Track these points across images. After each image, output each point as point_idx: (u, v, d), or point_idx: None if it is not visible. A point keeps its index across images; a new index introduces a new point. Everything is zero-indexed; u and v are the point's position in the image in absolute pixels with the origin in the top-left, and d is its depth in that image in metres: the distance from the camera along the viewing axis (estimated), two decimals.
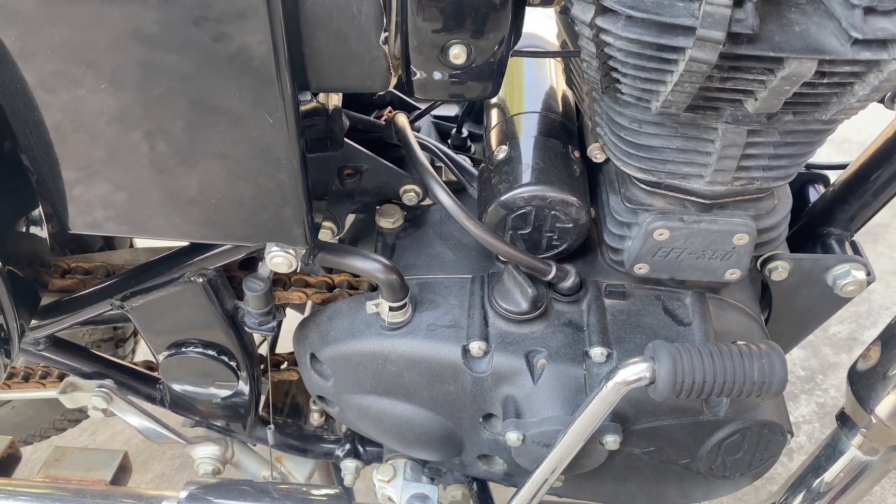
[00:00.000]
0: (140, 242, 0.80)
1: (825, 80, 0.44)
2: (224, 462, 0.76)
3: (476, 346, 0.57)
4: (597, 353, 0.57)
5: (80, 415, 1.00)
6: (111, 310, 0.62)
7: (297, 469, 0.79)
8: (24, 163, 0.53)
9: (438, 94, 0.48)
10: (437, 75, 0.47)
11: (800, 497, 0.69)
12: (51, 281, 0.62)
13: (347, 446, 0.78)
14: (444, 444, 0.63)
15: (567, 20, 0.50)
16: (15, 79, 0.43)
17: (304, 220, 0.51)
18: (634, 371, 0.49)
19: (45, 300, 0.62)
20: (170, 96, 0.43)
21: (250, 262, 0.63)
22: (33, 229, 0.57)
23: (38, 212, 0.57)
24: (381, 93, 0.72)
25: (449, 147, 0.75)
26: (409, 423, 0.62)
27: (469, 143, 0.77)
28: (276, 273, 0.59)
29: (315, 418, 0.80)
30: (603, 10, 0.42)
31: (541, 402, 0.56)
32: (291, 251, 0.54)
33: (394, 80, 0.48)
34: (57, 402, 0.91)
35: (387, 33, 0.45)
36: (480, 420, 0.60)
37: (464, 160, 0.69)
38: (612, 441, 0.55)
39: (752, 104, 0.46)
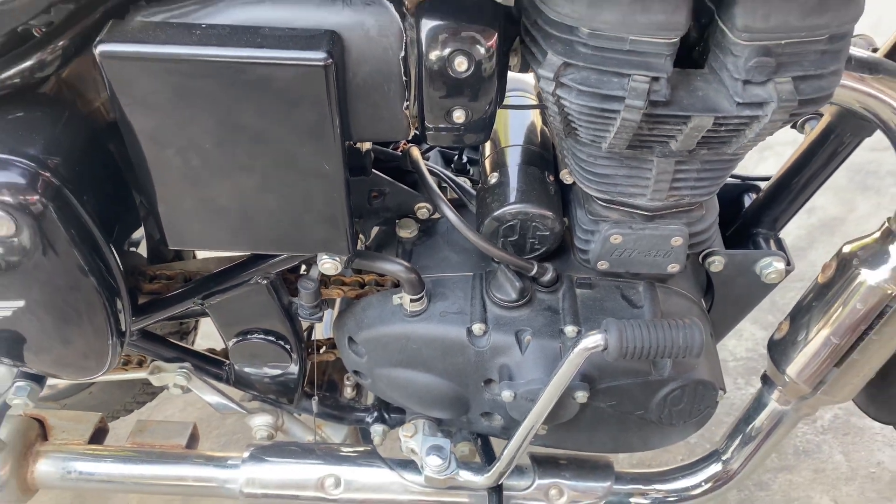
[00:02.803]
0: (200, 254, 0.97)
1: (722, 129, 0.61)
2: (276, 429, 0.94)
3: (477, 328, 0.75)
4: (569, 330, 0.74)
5: (146, 398, 1.17)
6: (192, 307, 0.80)
7: (335, 433, 0.97)
8: (135, 198, 0.71)
9: (445, 142, 0.66)
10: (444, 130, 0.64)
11: (737, 441, 0.86)
12: (144, 285, 0.80)
13: (375, 414, 0.96)
14: (455, 404, 0.81)
15: None
16: (139, 139, 0.60)
17: (348, 234, 0.68)
18: (593, 340, 0.66)
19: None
20: (254, 150, 0.61)
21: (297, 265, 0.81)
22: (138, 247, 0.75)
23: (142, 233, 0.75)
24: None
25: (452, 170, 0.92)
26: (427, 389, 0.80)
27: (468, 166, 0.94)
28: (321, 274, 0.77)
29: (348, 392, 0.98)
30: (560, 85, 0.59)
31: (527, 368, 0.74)
32: (337, 258, 0.72)
33: (412, 133, 0.66)
34: (126, 386, 1.10)
35: (408, 102, 0.62)
36: (482, 384, 0.78)
37: (464, 181, 0.86)
38: (581, 396, 0.73)
39: (675, 144, 0.63)
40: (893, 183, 1.76)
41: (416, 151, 0.80)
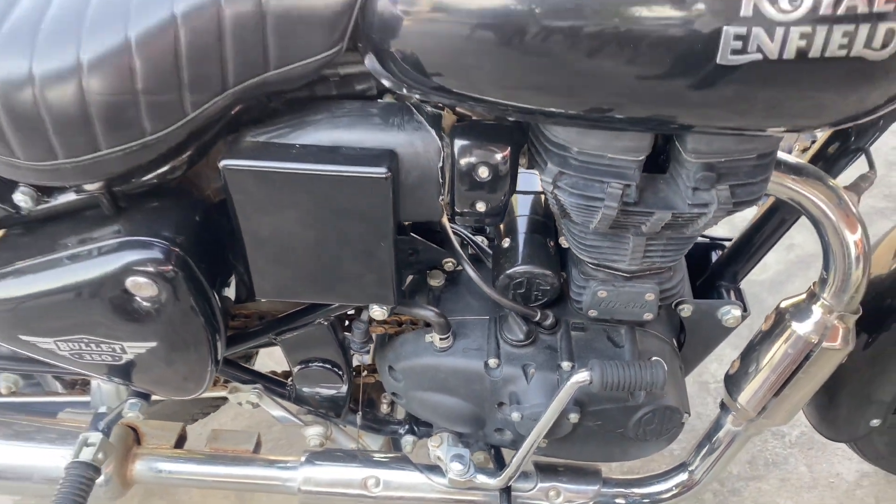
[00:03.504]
0: None
1: (679, 220, 0.80)
2: (326, 437, 1.14)
3: (493, 362, 0.95)
4: (565, 365, 0.94)
5: (210, 409, 1.38)
6: (266, 341, 1.01)
7: (373, 442, 1.17)
8: (230, 259, 0.92)
9: (470, 223, 0.86)
10: (469, 215, 0.84)
11: (702, 453, 1.06)
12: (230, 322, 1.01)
13: (406, 426, 1.16)
14: (473, 421, 1.01)
15: None
16: (246, 224, 0.81)
17: (394, 289, 0.89)
18: (581, 376, 0.86)
19: None
20: (330, 231, 0.81)
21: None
22: (228, 293, 0.96)
23: (232, 283, 0.96)
24: None
25: (471, 230, 1.13)
26: (451, 409, 1.00)
27: (486, 227, 1.14)
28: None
29: (384, 408, 1.19)
30: (557, 187, 0.80)
31: (532, 395, 0.94)
32: (385, 307, 0.93)
33: (445, 216, 0.86)
34: (198, 400, 1.30)
35: (443, 196, 0.82)
36: (496, 406, 0.98)
37: (481, 240, 1.07)
38: (573, 417, 0.93)
39: (644, 228, 0.83)
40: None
41: (444, 220, 1.01)
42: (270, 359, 1.37)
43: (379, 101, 0.82)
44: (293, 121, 0.80)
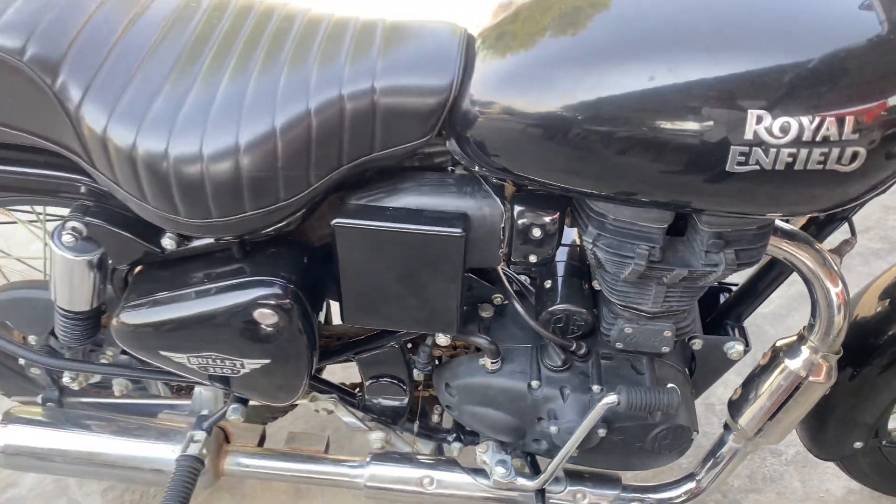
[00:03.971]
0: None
1: (693, 275, 1.00)
2: (386, 441, 1.34)
3: (535, 383, 1.15)
4: (596, 388, 1.13)
5: (280, 414, 1.58)
6: (344, 359, 1.21)
7: (424, 447, 1.37)
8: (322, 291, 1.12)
9: (523, 272, 1.06)
10: (522, 264, 1.04)
11: (707, 465, 1.25)
12: None
13: (454, 434, 1.36)
14: (516, 432, 1.21)
15: None
16: (347, 267, 1.01)
17: (457, 321, 1.08)
18: (610, 399, 1.05)
19: None
20: (413, 275, 1.00)
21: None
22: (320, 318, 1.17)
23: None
24: None
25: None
26: (497, 421, 1.20)
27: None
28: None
29: (435, 418, 1.38)
30: (595, 245, 0.99)
31: (567, 412, 1.13)
32: (448, 335, 1.12)
33: (503, 263, 1.06)
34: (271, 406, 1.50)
35: (502, 249, 1.02)
36: (536, 420, 1.18)
37: (525, 279, 1.27)
38: (602, 432, 1.12)
39: (666, 279, 1.03)
40: (860, 262, 2.13)
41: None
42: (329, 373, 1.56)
43: (454, 172, 1.02)
44: (386, 187, 1.00)
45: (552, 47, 0.87)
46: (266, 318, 0.99)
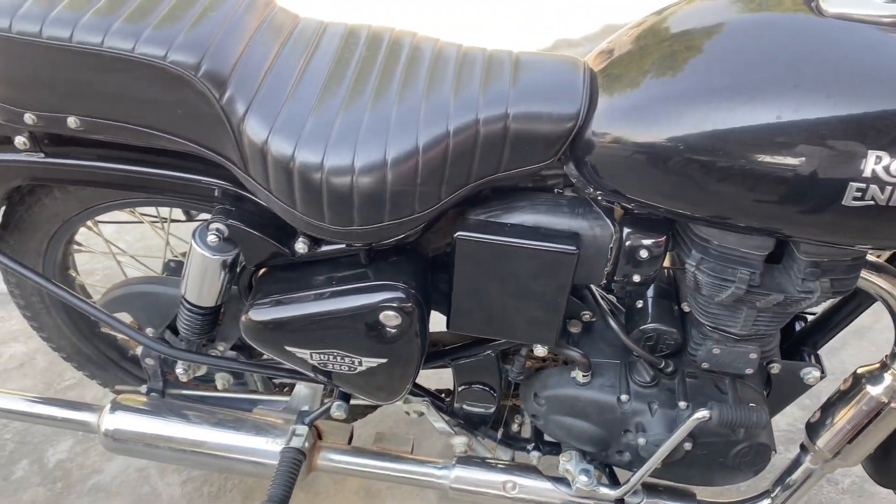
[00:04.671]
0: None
1: (787, 301, 1.06)
2: (468, 447, 1.41)
3: (624, 397, 1.21)
4: (682, 404, 1.20)
5: (368, 411, 1.64)
6: (441, 364, 1.28)
7: (504, 454, 1.43)
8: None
9: (618, 289, 1.13)
10: (625, 284, 1.11)
11: (782, 485, 1.31)
12: None
13: (534, 443, 1.42)
14: (600, 443, 1.27)
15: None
16: (462, 276, 1.09)
17: (557, 333, 1.15)
18: (702, 413, 1.12)
19: None
20: (522, 288, 1.08)
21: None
22: None
23: None
24: None
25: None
26: (584, 432, 1.26)
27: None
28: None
29: (514, 427, 1.45)
30: (698, 269, 1.06)
31: (655, 426, 1.20)
32: (545, 347, 1.19)
33: (604, 282, 1.13)
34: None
35: (608, 268, 1.09)
36: (622, 432, 1.24)
37: (612, 298, 1.34)
38: (688, 446, 1.18)
39: (760, 304, 1.09)
40: None
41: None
42: None
43: (566, 194, 1.10)
44: (503, 205, 1.08)
45: (674, 85, 0.95)
46: (390, 319, 1.06)
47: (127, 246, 1.52)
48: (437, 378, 1.54)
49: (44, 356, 1.98)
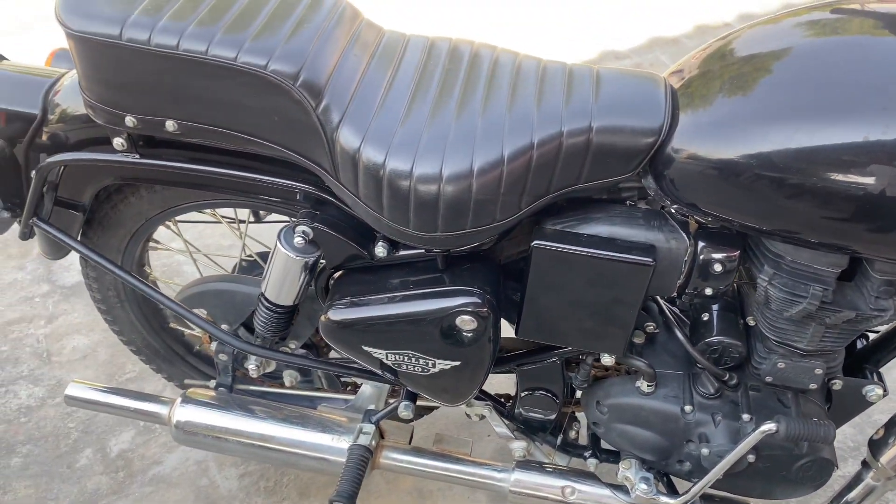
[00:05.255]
0: None
1: (858, 318, 1.08)
2: (527, 451, 1.44)
3: (688, 408, 1.23)
4: (745, 417, 1.21)
5: (426, 412, 1.68)
6: (507, 369, 1.31)
7: (561, 460, 1.46)
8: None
9: (687, 302, 1.15)
10: (696, 297, 1.13)
11: (842, 500, 1.31)
12: None
13: (591, 450, 1.44)
14: (662, 452, 1.29)
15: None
16: (535, 283, 1.12)
17: (626, 343, 1.18)
18: (769, 426, 1.13)
19: None
20: (598, 297, 1.11)
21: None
22: None
23: None
24: None
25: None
26: (645, 440, 1.28)
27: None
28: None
29: (572, 434, 1.47)
30: (770, 284, 1.08)
31: (719, 437, 1.21)
32: (612, 356, 1.22)
33: (674, 293, 1.15)
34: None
35: (680, 280, 1.11)
36: (685, 442, 1.26)
37: (676, 311, 1.36)
38: (751, 458, 1.20)
39: (829, 320, 1.10)
40: None
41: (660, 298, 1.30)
42: None
43: (639, 206, 1.13)
44: (579, 215, 1.11)
45: (760, 104, 0.97)
46: (466, 324, 1.10)
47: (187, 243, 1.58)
48: (495, 383, 1.57)
49: (105, 349, 2.04)
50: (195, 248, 1.51)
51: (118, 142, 1.12)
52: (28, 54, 3.00)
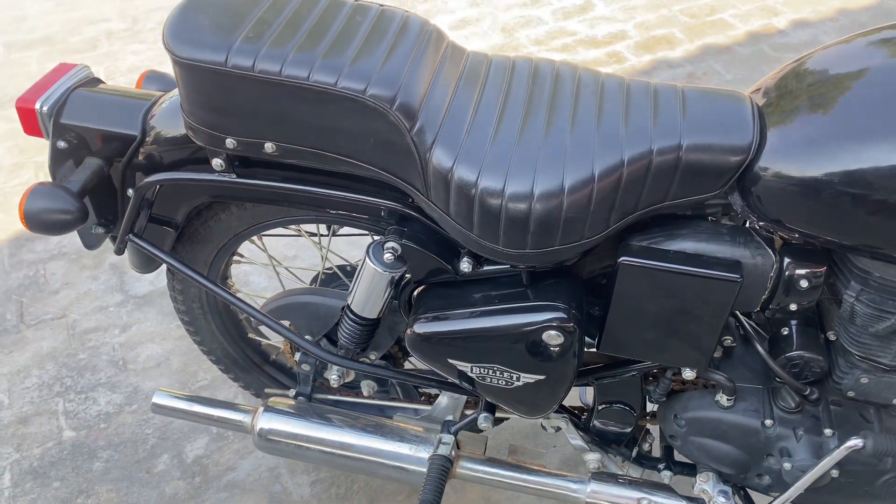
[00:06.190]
0: None
1: None
2: (600, 463, 1.45)
3: (769, 422, 1.24)
4: (828, 431, 1.21)
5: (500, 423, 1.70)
6: (585, 382, 1.33)
7: (634, 472, 1.47)
8: None
9: (770, 316, 1.15)
10: (779, 312, 1.14)
11: None
12: None
13: (664, 463, 1.45)
14: (740, 466, 1.30)
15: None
16: (621, 299, 1.14)
17: (709, 359, 1.19)
18: (854, 442, 1.13)
19: None
20: (679, 313, 1.12)
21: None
22: None
23: None
24: None
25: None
26: (724, 454, 1.29)
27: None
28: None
29: (645, 447, 1.48)
30: (857, 300, 1.08)
31: (801, 451, 1.22)
32: (694, 370, 1.23)
33: (758, 308, 1.16)
34: None
35: (765, 296, 1.12)
36: (765, 456, 1.26)
37: (753, 324, 1.36)
38: (835, 473, 1.20)
39: None
40: None
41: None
42: None
43: (724, 222, 1.14)
44: (664, 232, 1.12)
45: (852, 122, 0.98)
46: (552, 339, 1.12)
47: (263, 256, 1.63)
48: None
49: (178, 357, 2.11)
50: (278, 261, 1.56)
51: (217, 162, 1.17)
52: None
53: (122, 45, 3.44)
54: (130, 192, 1.30)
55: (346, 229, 1.49)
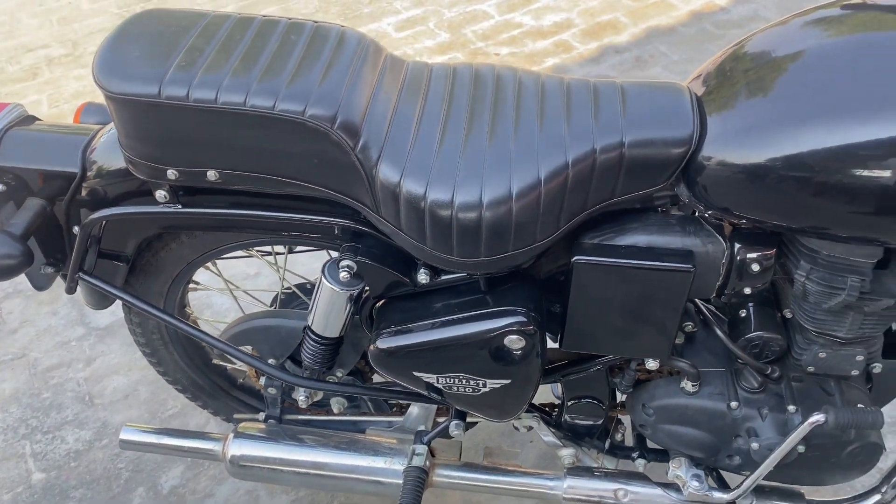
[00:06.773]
0: None
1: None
2: (575, 458, 1.46)
3: (734, 404, 1.25)
4: (791, 408, 1.24)
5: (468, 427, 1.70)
6: (553, 380, 1.34)
7: (609, 463, 1.48)
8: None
9: (726, 300, 1.17)
10: (734, 297, 1.15)
11: (892, 481, 1.34)
12: None
13: (638, 452, 1.47)
14: (710, 449, 1.31)
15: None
16: (577, 297, 1.14)
17: (670, 347, 1.20)
18: (817, 417, 1.16)
19: None
20: (636, 307, 1.13)
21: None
22: None
23: None
24: None
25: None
26: (693, 439, 1.31)
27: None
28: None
29: (618, 437, 1.50)
30: (808, 278, 1.10)
31: (766, 430, 1.24)
32: (657, 360, 1.24)
33: (714, 294, 1.17)
34: None
35: (718, 282, 1.14)
36: (733, 438, 1.28)
37: (712, 309, 1.38)
38: (801, 448, 1.22)
39: (868, 309, 1.12)
40: None
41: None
42: None
43: (673, 213, 1.15)
44: (615, 227, 1.13)
45: (790, 106, 0.98)
46: (514, 343, 1.12)
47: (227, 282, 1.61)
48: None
49: (145, 387, 2.07)
50: (235, 285, 1.54)
51: (160, 194, 1.15)
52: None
53: (64, 70, 3.36)
54: (76, 229, 1.27)
55: (301, 247, 1.47)
